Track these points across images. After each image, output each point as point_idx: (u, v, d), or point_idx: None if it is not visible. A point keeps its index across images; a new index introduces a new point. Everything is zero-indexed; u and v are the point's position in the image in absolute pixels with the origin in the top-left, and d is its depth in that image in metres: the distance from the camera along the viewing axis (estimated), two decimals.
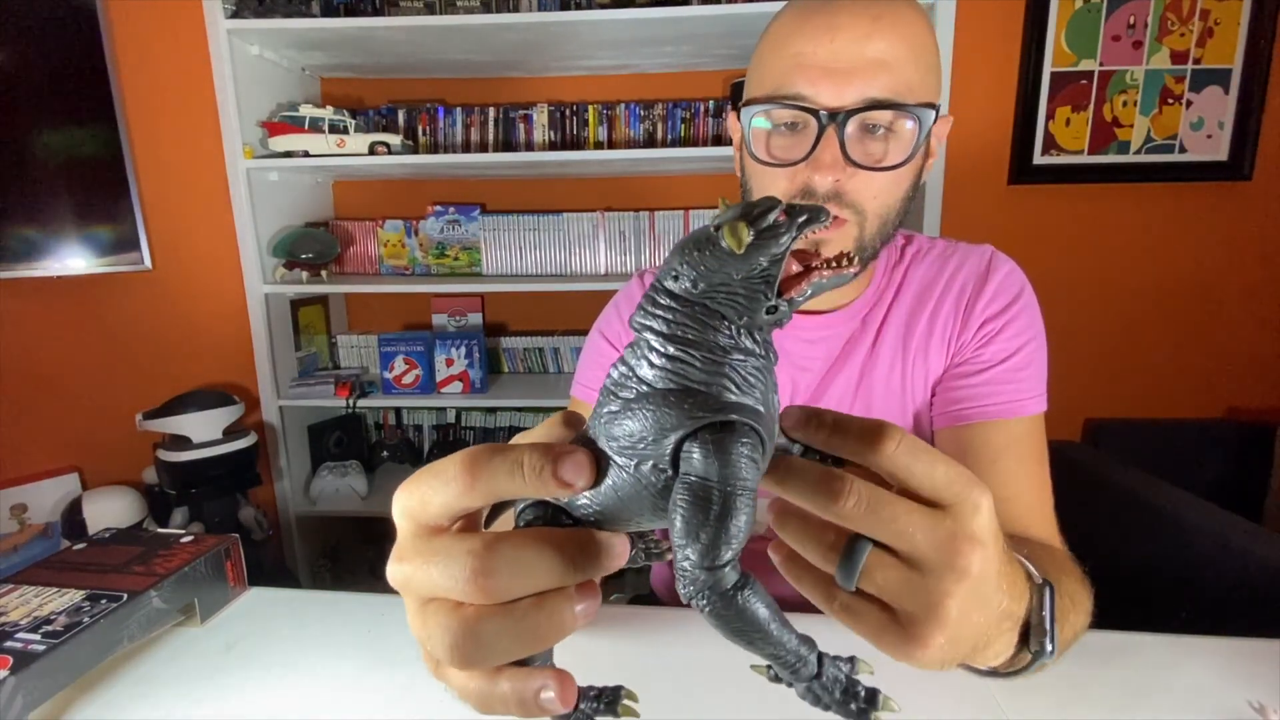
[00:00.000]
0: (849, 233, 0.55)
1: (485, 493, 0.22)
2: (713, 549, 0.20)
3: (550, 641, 0.22)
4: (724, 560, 0.20)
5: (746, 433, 0.21)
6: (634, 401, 0.22)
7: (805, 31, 0.52)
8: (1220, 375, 1.76)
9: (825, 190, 0.53)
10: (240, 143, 1.55)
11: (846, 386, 0.66)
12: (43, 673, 0.44)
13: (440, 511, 0.23)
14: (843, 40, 0.51)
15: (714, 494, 0.20)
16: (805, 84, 0.52)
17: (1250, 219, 1.68)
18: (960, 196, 1.66)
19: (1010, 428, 0.59)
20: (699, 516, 0.20)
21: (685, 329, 0.21)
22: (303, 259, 1.64)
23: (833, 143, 0.51)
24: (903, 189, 0.56)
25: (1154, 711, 0.45)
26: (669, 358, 0.21)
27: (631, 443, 0.22)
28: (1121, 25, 1.60)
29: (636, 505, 0.22)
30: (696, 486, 0.20)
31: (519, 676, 0.23)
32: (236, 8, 1.49)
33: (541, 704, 0.22)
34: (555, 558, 0.21)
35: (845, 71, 0.51)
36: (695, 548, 0.20)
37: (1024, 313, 0.62)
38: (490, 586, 0.21)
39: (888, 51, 0.51)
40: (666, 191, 1.85)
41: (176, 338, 1.83)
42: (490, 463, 0.22)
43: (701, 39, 1.55)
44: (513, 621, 0.21)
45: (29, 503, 1.69)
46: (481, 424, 1.96)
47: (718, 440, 0.20)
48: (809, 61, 0.52)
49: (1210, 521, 1.13)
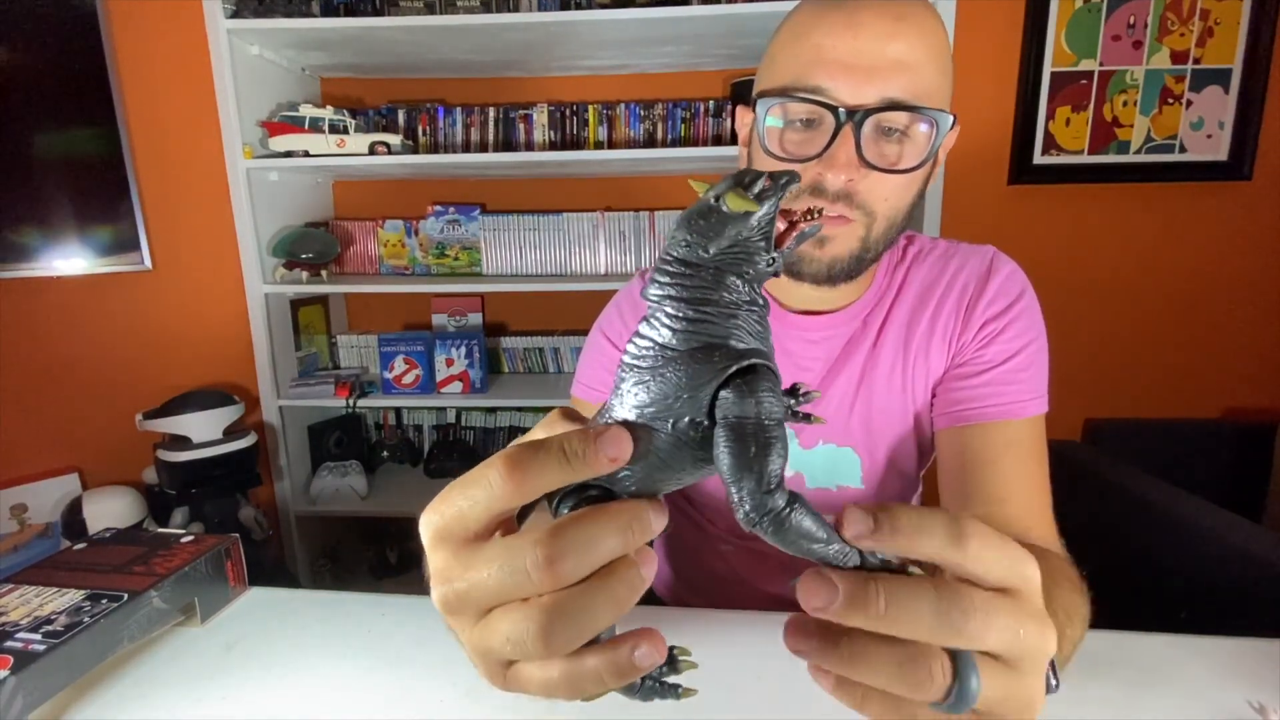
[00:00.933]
0: (854, 232, 0.55)
1: (534, 488, 0.23)
2: (764, 477, 0.22)
3: (627, 606, 0.23)
4: (774, 485, 0.22)
5: (766, 373, 0.23)
6: (661, 367, 0.24)
7: (826, 25, 0.52)
8: (1220, 375, 1.76)
9: (836, 189, 0.53)
10: (240, 143, 1.55)
11: (847, 387, 0.66)
12: (43, 673, 0.44)
13: (483, 519, 0.23)
14: (865, 37, 0.50)
15: (754, 430, 0.22)
16: (825, 77, 0.51)
17: (1250, 219, 1.67)
18: (960, 196, 1.66)
19: (1010, 429, 0.59)
20: (745, 453, 0.22)
21: (703, 290, 0.24)
22: (303, 259, 1.64)
23: (848, 141, 0.51)
24: (912, 193, 0.56)
25: (1154, 711, 0.45)
26: (688, 320, 0.24)
27: (667, 404, 0.23)
28: (1121, 25, 1.60)
29: (679, 462, 0.24)
30: (738, 426, 0.22)
31: (606, 649, 0.23)
32: (236, 8, 1.49)
33: (637, 662, 0.23)
34: (614, 530, 0.22)
35: (866, 69, 0.50)
36: (750, 479, 0.22)
37: (1025, 314, 0.62)
38: (563, 570, 0.22)
39: (909, 53, 0.50)
40: (666, 191, 1.85)
41: (176, 338, 1.83)
42: (536, 458, 0.23)
43: (701, 39, 1.55)
44: (591, 595, 0.22)
45: (29, 503, 1.69)
46: (481, 424, 1.96)
47: (747, 383, 0.23)
48: (830, 55, 0.51)
49: (1210, 521, 1.13)
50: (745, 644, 0.52)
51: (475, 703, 0.46)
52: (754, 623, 0.56)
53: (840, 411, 0.66)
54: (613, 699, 0.26)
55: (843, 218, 0.54)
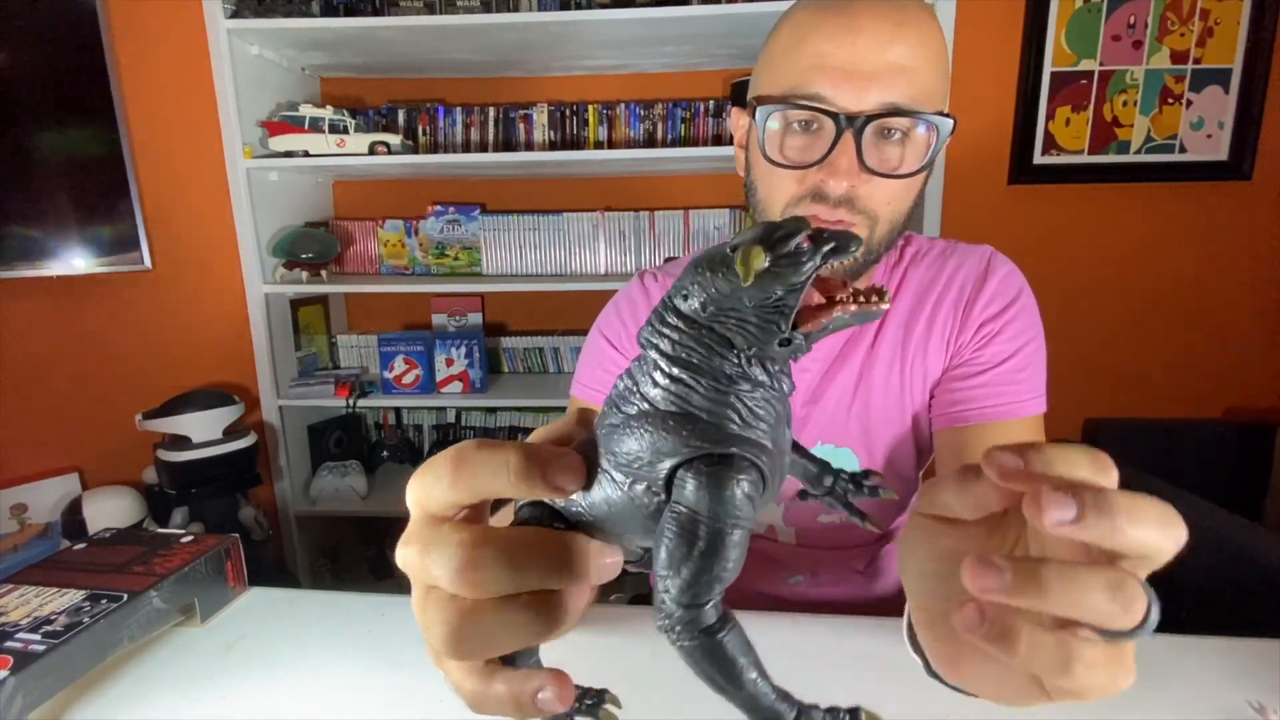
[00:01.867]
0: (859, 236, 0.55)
1: (469, 490, 0.22)
2: (693, 585, 0.19)
3: (538, 641, 0.22)
4: (703, 599, 0.19)
5: (746, 468, 0.20)
6: (634, 419, 0.21)
7: (825, 31, 0.51)
8: (1220, 375, 1.75)
9: (838, 195, 0.53)
10: (240, 142, 1.55)
11: (845, 386, 0.66)
12: (43, 673, 0.44)
13: (438, 502, 0.23)
14: (865, 43, 0.50)
15: (701, 529, 0.19)
16: (826, 85, 0.51)
17: (1250, 219, 1.67)
18: (960, 196, 1.66)
19: (1008, 429, 0.59)
20: (683, 550, 0.19)
21: (690, 352, 0.20)
22: (303, 259, 1.64)
23: (850, 147, 0.51)
24: (913, 195, 0.56)
25: (1154, 711, 0.45)
26: (672, 379, 0.20)
27: (628, 461, 0.21)
28: (1121, 25, 1.60)
29: (627, 522, 0.22)
30: (684, 518, 0.19)
31: (515, 679, 0.22)
32: (236, 8, 1.50)
33: (539, 704, 0.22)
34: (544, 560, 0.21)
35: (867, 75, 0.50)
36: (675, 582, 0.19)
37: (1022, 314, 0.62)
38: (477, 580, 0.21)
39: (908, 57, 0.50)
40: (666, 191, 1.85)
41: (176, 338, 1.83)
42: (475, 459, 0.21)
43: (701, 39, 1.55)
44: (500, 617, 0.21)
45: (29, 503, 1.69)
46: (481, 424, 1.96)
47: (713, 473, 0.19)
48: (830, 62, 0.51)
49: (1210, 521, 1.13)
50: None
51: None
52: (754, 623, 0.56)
53: (838, 411, 0.66)
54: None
55: (843, 223, 0.54)
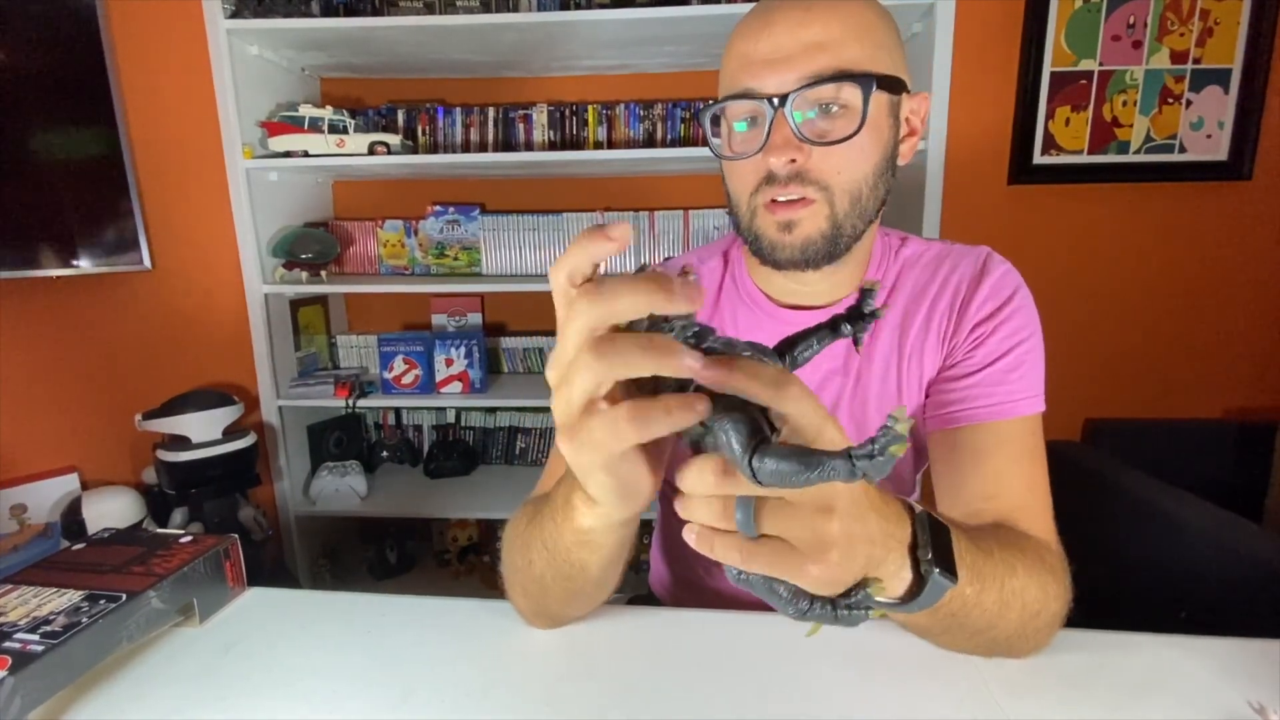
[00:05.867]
0: (820, 212, 0.56)
1: (608, 311, 0.28)
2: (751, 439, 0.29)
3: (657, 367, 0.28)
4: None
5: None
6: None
7: (744, 34, 0.56)
8: (1220, 375, 1.75)
9: (786, 173, 0.55)
10: (240, 143, 1.55)
11: (841, 387, 0.66)
12: (41, 673, 0.44)
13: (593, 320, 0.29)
14: (778, 32, 0.54)
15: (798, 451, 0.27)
16: (749, 78, 0.55)
17: (1250, 219, 1.67)
18: (960, 196, 1.66)
19: (1002, 428, 0.58)
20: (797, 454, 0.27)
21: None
22: (302, 259, 1.64)
23: (783, 125, 0.54)
24: (870, 163, 0.57)
25: (1154, 711, 0.45)
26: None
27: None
28: (1121, 25, 1.60)
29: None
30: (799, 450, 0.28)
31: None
32: (236, 8, 1.49)
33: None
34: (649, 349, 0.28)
35: (784, 59, 0.53)
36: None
37: (1016, 314, 0.61)
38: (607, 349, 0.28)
39: (823, 34, 0.53)
40: (666, 191, 1.85)
41: (176, 338, 1.83)
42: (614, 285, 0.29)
43: (701, 39, 1.55)
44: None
45: (29, 503, 1.69)
46: (481, 424, 1.96)
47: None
48: (752, 58, 0.55)
49: (1210, 521, 1.13)
50: (744, 644, 0.53)
51: (476, 703, 0.46)
52: (754, 623, 0.56)
53: (834, 412, 0.66)
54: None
55: (804, 200, 0.56)
